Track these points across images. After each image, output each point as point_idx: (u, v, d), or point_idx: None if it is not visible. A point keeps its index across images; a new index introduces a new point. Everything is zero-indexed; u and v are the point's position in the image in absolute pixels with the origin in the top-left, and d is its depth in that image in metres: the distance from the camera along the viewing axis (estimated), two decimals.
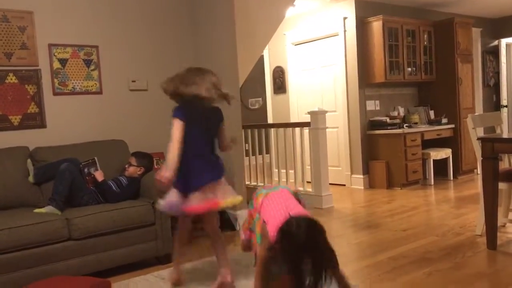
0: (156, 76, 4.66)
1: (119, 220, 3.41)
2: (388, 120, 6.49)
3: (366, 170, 6.47)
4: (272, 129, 6.01)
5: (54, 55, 4.10)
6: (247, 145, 5.80)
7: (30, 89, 3.97)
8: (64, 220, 3.23)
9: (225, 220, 4.58)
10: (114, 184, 3.69)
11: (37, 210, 3.29)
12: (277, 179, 5.82)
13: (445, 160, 6.69)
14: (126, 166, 3.90)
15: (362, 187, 6.43)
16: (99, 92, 4.33)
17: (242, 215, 4.54)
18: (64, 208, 3.39)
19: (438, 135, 6.62)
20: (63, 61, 4.13)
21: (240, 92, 4.86)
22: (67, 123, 4.13)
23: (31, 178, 3.65)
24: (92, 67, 4.29)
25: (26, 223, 3.06)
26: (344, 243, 3.99)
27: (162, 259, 3.65)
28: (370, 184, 6.45)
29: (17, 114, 3.91)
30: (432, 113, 6.97)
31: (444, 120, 6.79)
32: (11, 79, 3.87)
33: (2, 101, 3.83)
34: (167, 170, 2.63)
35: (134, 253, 3.50)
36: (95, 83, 4.31)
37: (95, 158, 3.79)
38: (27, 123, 3.95)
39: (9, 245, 2.96)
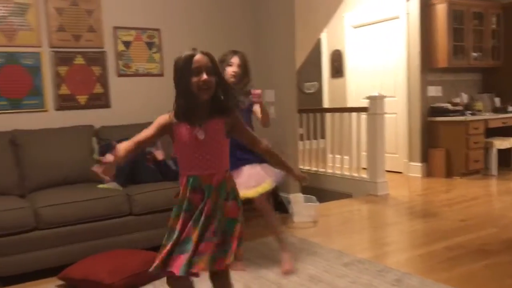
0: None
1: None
2: (450, 106, 6.26)
3: (425, 158, 6.29)
4: (328, 114, 5.97)
5: (119, 38, 4.26)
6: (301, 129, 5.79)
7: (96, 70, 4.16)
8: (125, 196, 3.39)
9: (278, 203, 4.63)
10: (173, 163, 3.82)
11: (100, 186, 3.47)
12: (331, 164, 5.79)
13: (509, 150, 6.38)
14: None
15: (420, 175, 6.26)
16: (161, 74, 4.47)
17: (295, 198, 4.58)
18: (126, 185, 3.56)
19: (503, 123, 6.30)
20: (127, 44, 4.29)
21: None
22: (130, 103, 4.30)
23: (95, 155, 3.84)
24: (154, 49, 4.43)
25: (90, 198, 3.25)
26: (398, 231, 3.93)
27: None
28: (428, 173, 6.27)
29: (84, 94, 4.11)
30: (497, 100, 6.64)
31: (511, 108, 6.45)
32: (79, 60, 4.07)
33: (70, 82, 4.04)
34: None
35: None
36: (157, 65, 4.45)
37: None
38: (93, 103, 4.15)
39: (75, 217, 3.15)
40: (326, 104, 7.65)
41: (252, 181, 2.91)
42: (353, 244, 3.59)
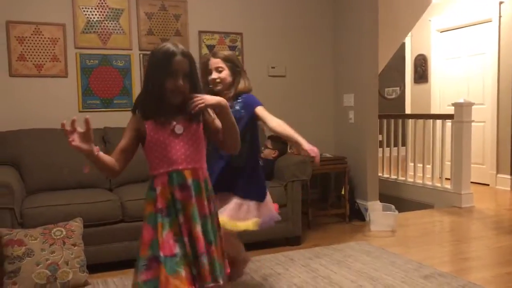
0: (294, 62, 4.77)
1: None
2: None
3: None
4: (410, 120, 5.75)
5: (203, 41, 4.40)
6: (381, 135, 5.63)
7: None
8: None
9: (356, 211, 4.55)
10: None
11: None
12: (412, 173, 5.58)
13: None
14: (262, 148, 4.06)
15: (509, 188, 5.86)
16: None
17: (373, 206, 4.47)
18: None
19: None
20: (210, 47, 4.42)
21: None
22: None
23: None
24: (236, 53, 4.52)
25: None
26: (482, 246, 3.70)
27: (292, 241, 3.75)
28: None
29: None
30: None
31: None
32: None
33: None
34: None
35: (264, 231, 3.56)
36: None
37: None
38: None
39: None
40: (408, 110, 7.40)
41: (241, 213, 2.45)
42: (433, 257, 3.43)
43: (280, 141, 4.09)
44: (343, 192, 4.54)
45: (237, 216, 2.42)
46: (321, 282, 2.97)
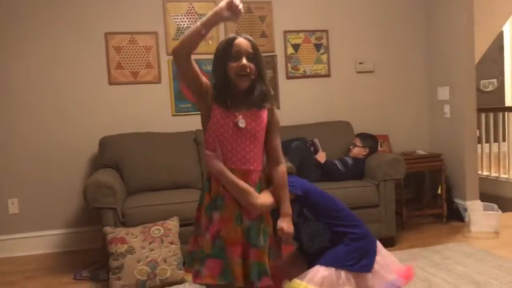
0: (383, 57, 4.62)
1: (344, 198, 3.44)
2: None
3: None
4: None
5: (288, 41, 4.39)
6: (478, 130, 5.27)
7: (268, 73, 4.34)
8: None
9: (454, 211, 4.29)
10: (340, 163, 3.81)
11: None
12: None
13: None
14: (351, 147, 3.97)
15: None
16: (327, 75, 4.49)
17: (473, 206, 4.20)
18: None
19: None
20: (296, 46, 4.41)
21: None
22: (297, 104, 4.40)
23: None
24: (322, 50, 4.47)
25: None
26: None
27: (385, 242, 3.57)
28: None
29: None
30: None
31: None
32: None
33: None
34: None
35: None
36: (324, 66, 4.48)
37: (315, 140, 3.95)
38: None
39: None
40: (508, 102, 6.87)
41: (334, 281, 1.97)
42: None
43: (371, 138, 3.98)
44: (439, 191, 4.31)
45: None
46: (419, 285, 2.83)
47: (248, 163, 1.80)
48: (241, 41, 1.78)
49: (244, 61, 1.76)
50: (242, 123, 1.79)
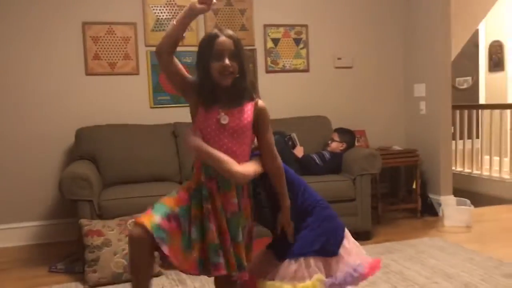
0: (361, 53, 4.66)
1: (321, 192, 3.45)
2: None
3: None
4: (486, 111, 5.46)
5: (268, 35, 4.39)
6: (453, 127, 5.38)
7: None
8: None
9: (428, 205, 4.38)
10: (317, 157, 3.83)
11: None
12: (488, 166, 5.29)
13: None
14: (329, 141, 4.01)
15: None
16: (306, 70, 4.51)
17: (447, 201, 4.29)
18: None
19: None
20: (275, 41, 4.41)
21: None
22: (276, 99, 4.37)
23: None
24: (301, 45, 4.48)
25: None
26: None
27: (361, 235, 3.65)
28: None
29: None
30: None
31: None
32: None
33: None
34: None
35: None
36: (303, 61, 4.50)
37: (292, 134, 3.97)
38: None
39: None
40: (482, 100, 7.02)
41: (305, 272, 1.90)
42: None
43: (348, 133, 4.02)
44: (414, 186, 4.39)
45: (304, 274, 1.90)
46: (393, 277, 2.88)
47: (230, 157, 1.79)
48: (223, 40, 1.77)
49: (227, 61, 1.76)
50: (224, 120, 1.80)
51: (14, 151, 3.84)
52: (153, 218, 1.72)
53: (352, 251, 2.03)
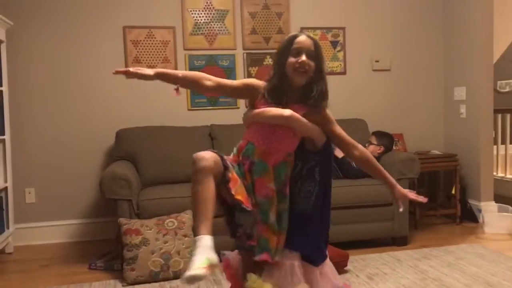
0: (399, 55, 4.60)
1: (357, 196, 3.52)
2: None
3: None
4: None
5: None
6: (494, 131, 5.22)
7: None
8: None
9: (467, 211, 4.27)
10: None
11: None
12: None
13: None
14: (366, 144, 3.96)
15: None
16: (343, 73, 4.48)
17: (487, 207, 4.17)
18: None
19: None
20: None
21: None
22: None
23: None
24: (338, 48, 4.46)
25: None
26: None
27: (398, 241, 3.62)
28: None
29: None
30: None
31: None
32: (268, 61, 4.31)
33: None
34: None
35: (369, 230, 3.57)
36: (340, 64, 4.48)
37: None
38: None
39: None
40: None
41: (289, 277, 1.84)
42: None
43: (386, 136, 3.97)
44: (453, 192, 4.29)
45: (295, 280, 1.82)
46: (431, 284, 2.83)
47: (269, 145, 1.80)
48: (303, 38, 1.81)
49: (304, 57, 1.78)
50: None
51: (57, 151, 3.98)
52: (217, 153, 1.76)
53: (334, 271, 1.96)
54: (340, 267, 3.03)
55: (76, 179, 4.00)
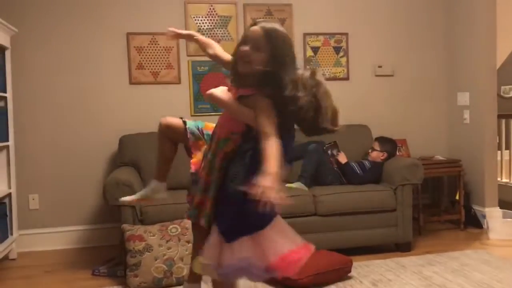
0: (402, 61, 4.60)
1: (361, 202, 3.51)
2: None
3: None
4: None
5: (308, 44, 4.40)
6: (498, 137, 5.20)
7: None
8: (311, 196, 3.48)
9: (471, 217, 4.25)
10: (357, 166, 3.80)
11: (288, 185, 3.61)
12: None
13: None
14: (369, 150, 3.96)
15: None
16: (346, 78, 4.48)
17: (492, 213, 4.16)
18: (311, 186, 3.65)
19: None
20: (315, 49, 4.41)
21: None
22: None
23: None
24: (341, 54, 4.46)
25: None
26: None
27: (402, 247, 3.60)
28: None
29: None
30: None
31: None
32: None
33: None
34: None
35: (373, 236, 3.55)
36: (343, 70, 4.48)
37: (336, 141, 3.95)
38: None
39: None
40: None
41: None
42: None
43: (389, 142, 3.96)
44: (457, 197, 4.27)
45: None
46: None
47: (220, 119, 1.97)
48: (253, 29, 1.77)
49: (246, 48, 1.74)
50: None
51: (60, 157, 3.99)
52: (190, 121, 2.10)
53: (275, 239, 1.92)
54: (344, 273, 3.02)
55: (80, 185, 4.01)
